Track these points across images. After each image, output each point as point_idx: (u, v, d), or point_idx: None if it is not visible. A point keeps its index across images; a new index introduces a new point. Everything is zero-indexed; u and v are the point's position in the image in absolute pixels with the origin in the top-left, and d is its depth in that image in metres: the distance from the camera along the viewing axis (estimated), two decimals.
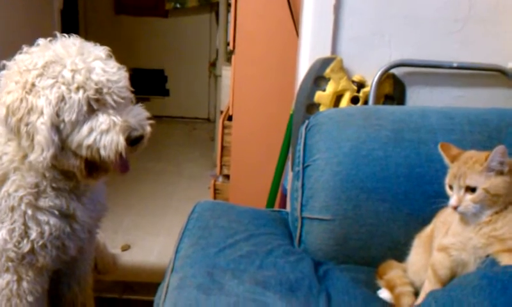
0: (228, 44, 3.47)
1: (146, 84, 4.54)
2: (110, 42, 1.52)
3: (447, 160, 1.32)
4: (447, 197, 1.46)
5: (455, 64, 1.88)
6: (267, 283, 1.29)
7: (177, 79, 4.62)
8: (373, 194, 1.48)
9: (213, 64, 4.32)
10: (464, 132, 1.55)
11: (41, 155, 1.37)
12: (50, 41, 1.47)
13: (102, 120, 1.40)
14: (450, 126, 1.56)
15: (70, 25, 3.73)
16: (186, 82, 4.61)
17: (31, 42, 1.49)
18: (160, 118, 4.36)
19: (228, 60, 3.43)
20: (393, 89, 1.90)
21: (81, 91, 1.37)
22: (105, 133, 1.40)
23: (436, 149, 1.52)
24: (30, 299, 1.61)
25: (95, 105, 1.39)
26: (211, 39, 4.49)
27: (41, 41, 1.47)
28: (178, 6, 4.41)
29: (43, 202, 1.50)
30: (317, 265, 1.43)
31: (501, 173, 1.22)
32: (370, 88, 1.86)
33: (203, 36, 4.52)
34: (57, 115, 1.37)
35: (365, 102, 1.88)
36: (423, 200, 1.48)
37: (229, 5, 3.35)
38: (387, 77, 1.88)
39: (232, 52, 2.65)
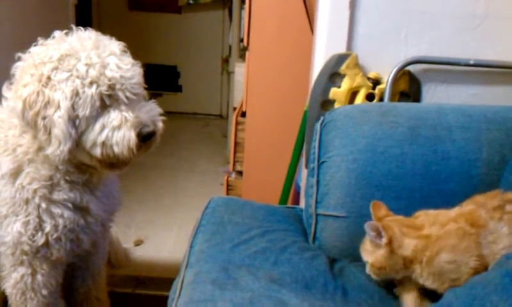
0: (241, 40, 3.47)
1: (159, 79, 4.55)
2: (123, 38, 1.51)
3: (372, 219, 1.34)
4: (463, 196, 1.46)
5: (472, 62, 1.86)
6: (283, 280, 1.28)
7: (190, 75, 4.63)
8: (389, 192, 1.47)
9: (226, 61, 4.32)
10: (482, 129, 1.54)
11: (58, 148, 1.37)
12: (66, 33, 1.47)
13: (114, 116, 1.39)
14: (467, 123, 1.55)
15: (84, 20, 3.74)
16: (199, 78, 4.61)
17: (46, 36, 1.48)
18: (173, 113, 4.37)
19: (241, 56, 3.43)
20: (408, 86, 1.88)
21: (94, 86, 1.36)
22: (117, 130, 1.39)
23: (453, 147, 1.51)
24: (44, 292, 1.61)
25: (107, 101, 1.39)
26: (224, 36, 4.49)
27: (57, 33, 1.46)
28: (191, 2, 4.41)
29: (57, 195, 1.51)
30: (332, 262, 1.42)
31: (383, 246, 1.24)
32: (385, 85, 1.85)
33: (216, 32, 4.52)
34: (73, 109, 1.37)
35: (381, 99, 1.87)
36: (439, 198, 1.47)
37: (242, 1, 3.35)
38: (403, 73, 1.87)
39: (245, 49, 2.64)
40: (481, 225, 1.23)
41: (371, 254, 1.27)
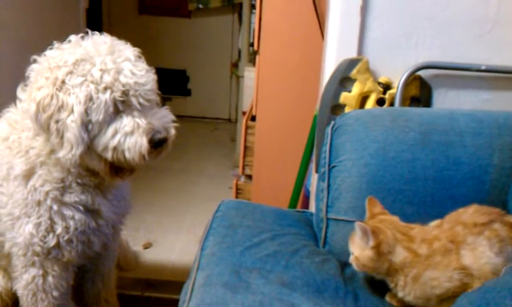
0: (251, 45, 3.48)
1: (168, 83, 4.56)
2: (133, 41, 1.52)
3: (366, 215, 1.35)
4: (474, 201, 1.45)
5: (483, 67, 1.85)
6: (294, 284, 1.28)
7: (199, 79, 4.64)
8: (400, 196, 1.46)
9: (235, 65, 4.33)
10: (493, 135, 1.53)
11: (70, 152, 1.38)
12: (81, 37, 1.48)
13: (126, 122, 1.40)
14: (479, 129, 1.54)
15: (94, 24, 3.76)
16: (208, 83, 4.63)
17: (58, 39, 1.49)
18: (182, 117, 4.37)
19: (251, 61, 3.44)
20: (419, 91, 1.88)
21: (108, 92, 1.37)
22: (129, 136, 1.40)
23: (465, 153, 1.51)
24: (55, 293, 1.62)
25: (120, 106, 1.39)
26: (233, 40, 4.51)
27: (72, 37, 1.47)
28: (201, 6, 4.43)
29: (69, 197, 1.52)
30: (343, 267, 1.42)
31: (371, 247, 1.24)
32: (396, 90, 1.85)
33: (225, 36, 4.53)
34: (86, 114, 1.38)
35: (391, 104, 1.86)
36: (450, 203, 1.46)
37: (252, 6, 3.37)
38: (414, 79, 1.86)
39: (255, 53, 2.65)
40: (459, 241, 1.24)
41: (358, 248, 1.27)
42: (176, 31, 4.52)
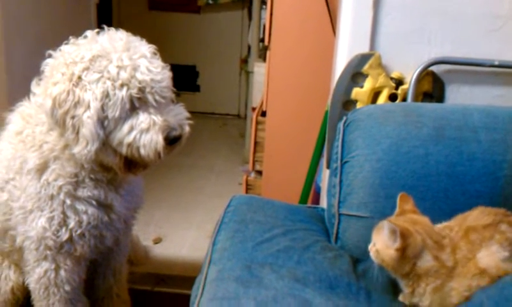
0: (261, 40, 3.47)
1: (178, 79, 4.54)
2: (143, 37, 1.52)
3: (396, 210, 1.33)
4: (488, 197, 1.44)
5: (496, 63, 1.83)
6: (306, 279, 1.28)
7: (208, 75, 4.64)
8: (413, 192, 1.44)
9: (244, 61, 4.33)
10: (508, 131, 1.52)
11: (85, 148, 1.38)
12: (97, 33, 1.47)
13: (143, 119, 1.40)
14: (493, 125, 1.53)
15: (105, 19, 3.76)
16: (217, 78, 4.62)
17: (69, 34, 1.49)
18: (191, 113, 4.36)
19: (261, 56, 3.43)
20: (432, 86, 1.87)
21: (125, 89, 1.37)
22: (145, 132, 1.40)
23: (479, 148, 1.50)
24: (67, 288, 1.63)
25: (136, 103, 1.40)
26: (242, 36, 4.49)
27: (88, 33, 1.47)
28: (210, 2, 4.42)
29: (82, 192, 1.52)
30: (355, 263, 1.42)
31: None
32: (408, 85, 1.84)
33: (234, 32, 4.52)
34: (102, 110, 1.38)
35: (404, 100, 1.85)
36: (464, 199, 1.45)
37: (263, 1, 3.36)
38: (426, 74, 1.85)
39: (265, 48, 2.65)
40: (475, 248, 1.23)
41: (382, 243, 1.23)
42: (186, 27, 4.51)
